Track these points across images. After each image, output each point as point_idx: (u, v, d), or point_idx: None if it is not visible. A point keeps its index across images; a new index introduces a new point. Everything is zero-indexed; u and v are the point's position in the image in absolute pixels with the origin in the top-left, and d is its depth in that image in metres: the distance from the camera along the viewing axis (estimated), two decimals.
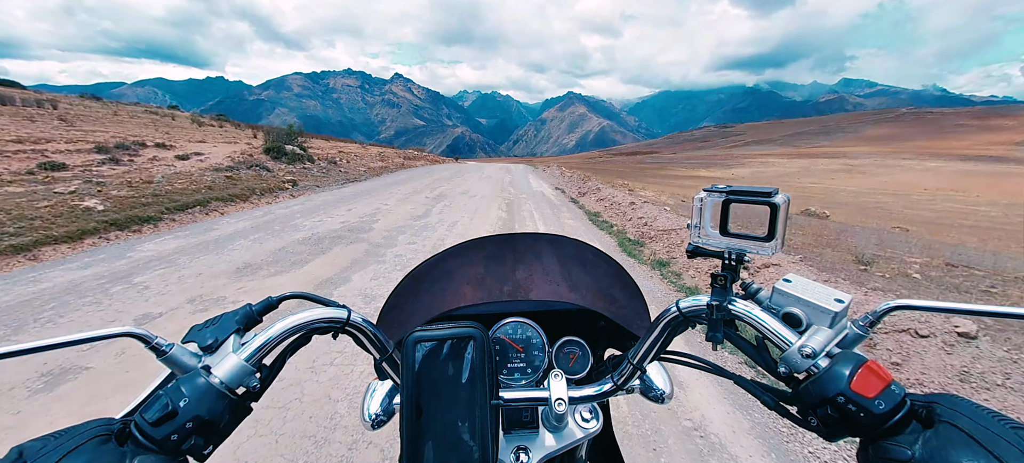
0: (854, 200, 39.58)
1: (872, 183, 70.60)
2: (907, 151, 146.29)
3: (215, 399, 0.40)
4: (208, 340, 0.46)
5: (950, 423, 0.33)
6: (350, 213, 8.12)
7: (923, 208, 34.12)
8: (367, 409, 0.58)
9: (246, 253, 5.31)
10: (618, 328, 0.67)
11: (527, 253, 0.79)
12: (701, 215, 0.48)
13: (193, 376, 0.41)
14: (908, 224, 17.98)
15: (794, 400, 0.42)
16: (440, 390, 0.47)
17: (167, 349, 0.43)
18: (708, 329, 0.48)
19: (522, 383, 0.64)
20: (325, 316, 0.50)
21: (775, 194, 0.42)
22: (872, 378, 0.36)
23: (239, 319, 0.49)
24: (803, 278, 0.46)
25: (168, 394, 0.39)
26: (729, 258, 0.47)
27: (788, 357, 0.42)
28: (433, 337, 0.49)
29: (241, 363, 0.44)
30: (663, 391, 0.60)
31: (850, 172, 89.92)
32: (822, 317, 0.43)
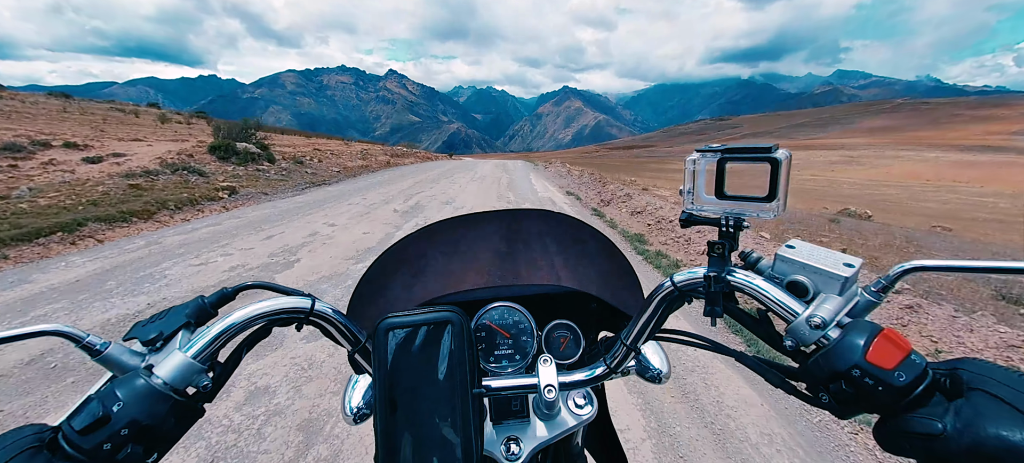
0: (860, 193, 38.43)
1: (873, 175, 69.62)
2: (904, 142, 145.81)
3: (156, 401, 0.36)
4: (151, 335, 0.42)
5: (982, 390, 0.30)
6: (269, 242, 5.76)
7: (929, 200, 33.01)
8: (348, 403, 0.55)
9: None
10: (610, 309, 0.64)
11: (512, 231, 0.75)
12: (694, 179, 0.45)
13: (131, 377, 0.37)
14: (923, 218, 16.86)
15: (803, 375, 0.39)
16: (416, 381, 0.44)
17: (102, 348, 0.39)
18: (706, 303, 0.45)
19: (510, 370, 0.61)
20: (286, 306, 0.46)
21: (775, 150, 0.39)
22: (890, 347, 0.33)
23: (189, 313, 0.45)
24: (808, 244, 0.43)
25: (99, 398, 0.35)
26: (726, 224, 0.44)
27: (795, 329, 0.39)
28: (406, 324, 0.46)
29: (188, 361, 0.40)
30: (660, 370, 0.58)
31: (850, 164, 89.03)
32: (831, 284, 0.39)
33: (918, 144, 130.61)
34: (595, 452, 0.77)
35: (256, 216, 7.45)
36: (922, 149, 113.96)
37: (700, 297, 0.46)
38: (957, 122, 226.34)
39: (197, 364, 0.40)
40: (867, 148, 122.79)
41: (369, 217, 7.64)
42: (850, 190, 42.50)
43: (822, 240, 6.80)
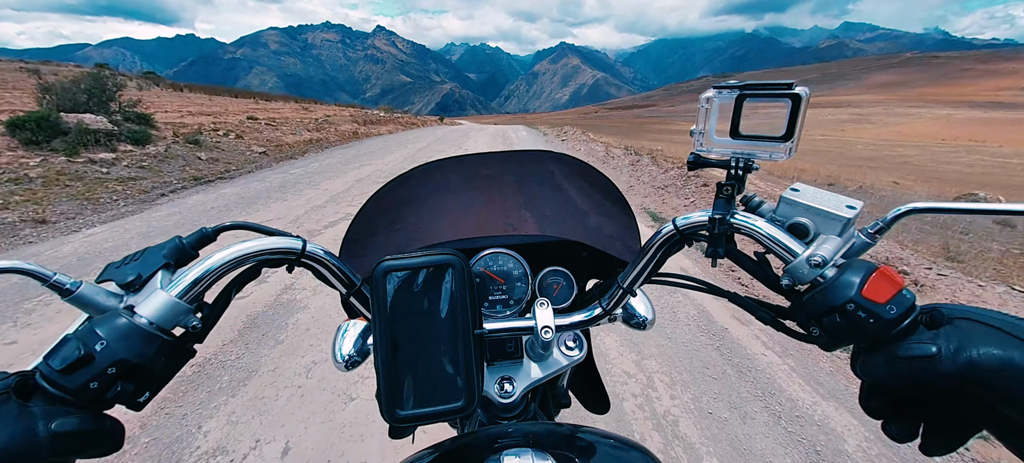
0: (876, 154, 36.99)
1: (886, 134, 67.75)
2: (914, 98, 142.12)
3: (143, 340, 0.35)
4: (129, 277, 0.40)
5: (965, 318, 0.32)
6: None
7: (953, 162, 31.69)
8: (339, 350, 0.55)
9: None
10: (603, 256, 0.65)
11: (505, 175, 0.74)
12: (707, 119, 0.44)
13: (111, 316, 0.36)
14: (953, 184, 15.67)
15: (795, 312, 0.41)
16: (417, 323, 0.45)
17: (73, 288, 0.37)
18: (709, 245, 0.45)
19: (505, 315, 0.62)
20: (276, 246, 0.45)
21: (795, 85, 0.38)
22: (884, 284, 0.35)
23: (167, 253, 0.43)
24: (811, 187, 0.44)
25: (79, 337, 0.34)
26: (736, 166, 0.44)
27: (794, 268, 0.40)
28: (407, 266, 0.45)
29: (173, 300, 0.39)
30: (645, 317, 0.60)
31: (860, 122, 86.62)
32: (832, 225, 0.41)
33: (928, 101, 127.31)
34: (578, 392, 0.82)
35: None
36: (933, 106, 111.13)
37: (701, 240, 0.47)
38: (967, 77, 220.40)
39: (183, 304, 0.39)
40: (876, 106, 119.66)
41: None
42: (865, 150, 40.96)
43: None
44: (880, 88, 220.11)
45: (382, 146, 13.05)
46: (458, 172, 0.74)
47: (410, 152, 11.62)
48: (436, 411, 0.44)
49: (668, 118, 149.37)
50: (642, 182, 8.05)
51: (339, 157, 10.28)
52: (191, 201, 5.98)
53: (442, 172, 0.73)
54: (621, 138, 23.54)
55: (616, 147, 15.53)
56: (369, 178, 7.89)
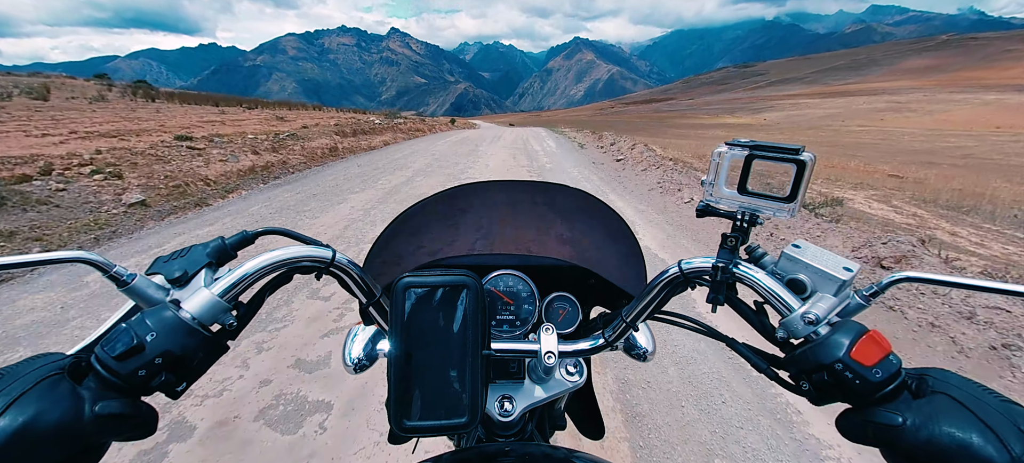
0: (930, 147, 34.46)
1: (931, 123, 63.82)
2: (955, 83, 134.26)
3: (186, 335, 0.38)
4: (176, 273, 0.43)
5: (942, 392, 0.33)
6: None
7: (1020, 153, 29.17)
8: (348, 353, 0.57)
9: None
10: (609, 286, 0.66)
11: (522, 202, 0.78)
12: (717, 172, 0.46)
13: (160, 309, 0.38)
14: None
15: (788, 365, 0.42)
16: (430, 338, 0.47)
17: (129, 280, 0.39)
18: (710, 290, 0.47)
19: (512, 335, 0.64)
20: (308, 254, 0.48)
21: (802, 151, 0.41)
22: (873, 347, 0.36)
23: (210, 252, 0.46)
24: (813, 245, 0.46)
25: (132, 327, 0.36)
26: (741, 219, 0.46)
27: (789, 322, 0.42)
28: (425, 284, 0.48)
29: (214, 298, 0.41)
30: (646, 349, 0.62)
31: (899, 111, 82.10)
32: (828, 285, 0.43)
33: (971, 85, 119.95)
34: (575, 416, 0.84)
35: None
36: (977, 91, 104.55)
37: (704, 284, 0.48)
38: (1011, 58, 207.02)
39: (223, 302, 0.42)
40: (914, 92, 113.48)
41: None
42: (914, 142, 38.35)
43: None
44: (915, 73, 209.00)
45: (344, 179, 7.80)
46: (479, 196, 0.78)
47: (374, 197, 6.46)
48: (440, 425, 0.45)
49: (689, 111, 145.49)
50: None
51: (259, 208, 5.77)
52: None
53: (464, 196, 0.78)
54: (652, 138, 22.23)
55: (633, 139, 13.87)
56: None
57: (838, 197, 7.21)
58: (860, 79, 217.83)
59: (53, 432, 0.30)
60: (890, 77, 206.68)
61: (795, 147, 0.41)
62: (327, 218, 5.28)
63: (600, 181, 8.55)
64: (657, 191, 7.17)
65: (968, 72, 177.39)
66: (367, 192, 6.83)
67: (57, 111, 14.41)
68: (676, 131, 57.80)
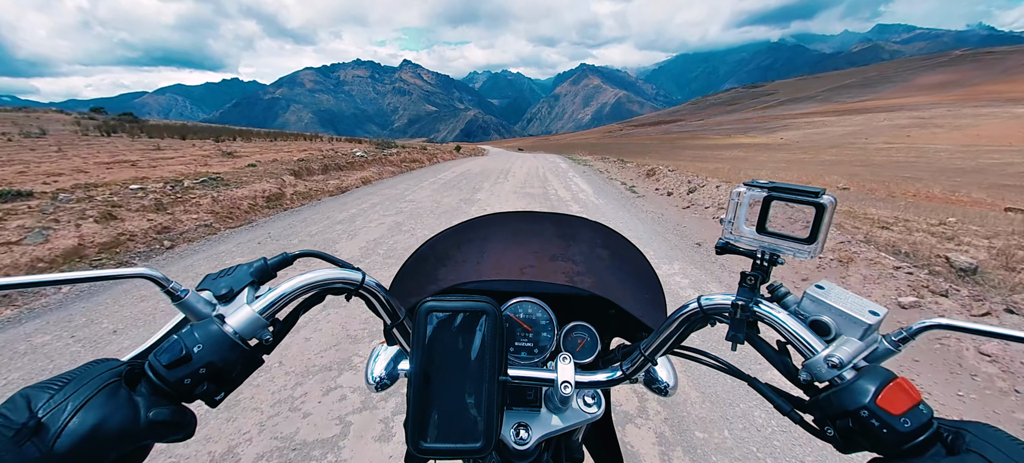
0: (972, 164, 31.30)
1: (964, 138, 60.28)
2: (976, 97, 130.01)
3: (228, 348, 0.41)
4: (222, 290, 0.46)
5: (977, 453, 0.31)
6: None
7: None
8: (371, 372, 0.58)
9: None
10: (629, 317, 0.66)
11: (544, 232, 0.79)
12: (737, 210, 0.46)
13: (207, 323, 0.41)
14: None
15: (813, 408, 0.41)
16: (449, 361, 0.48)
17: (182, 294, 0.43)
18: (730, 328, 0.47)
19: (529, 362, 0.64)
20: (340, 277, 0.50)
21: (822, 194, 0.40)
22: (900, 395, 0.35)
23: (254, 272, 0.49)
24: (837, 286, 0.45)
25: (182, 338, 0.39)
26: (762, 258, 0.46)
27: (812, 365, 0.41)
28: (446, 308, 0.49)
29: (255, 315, 0.44)
30: (667, 383, 0.60)
31: (925, 127, 78.60)
32: (853, 328, 0.41)
33: (996, 99, 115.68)
34: (593, 449, 0.81)
35: None
36: (1004, 104, 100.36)
37: (724, 321, 0.48)
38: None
39: (262, 319, 0.45)
40: (935, 107, 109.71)
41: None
42: (953, 159, 35.32)
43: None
44: (932, 89, 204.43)
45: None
46: (501, 225, 0.81)
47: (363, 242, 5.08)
48: (455, 448, 0.46)
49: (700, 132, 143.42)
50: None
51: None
52: None
53: (487, 224, 0.81)
54: (674, 162, 19.96)
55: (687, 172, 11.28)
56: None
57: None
58: (874, 96, 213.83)
59: (115, 435, 0.33)
60: (905, 93, 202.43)
61: (815, 190, 0.41)
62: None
63: (634, 216, 7.01)
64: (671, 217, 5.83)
65: (988, 86, 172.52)
66: (360, 236, 5.44)
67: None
68: (691, 152, 55.50)
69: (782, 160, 37.84)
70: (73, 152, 16.69)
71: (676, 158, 40.32)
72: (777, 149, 58.35)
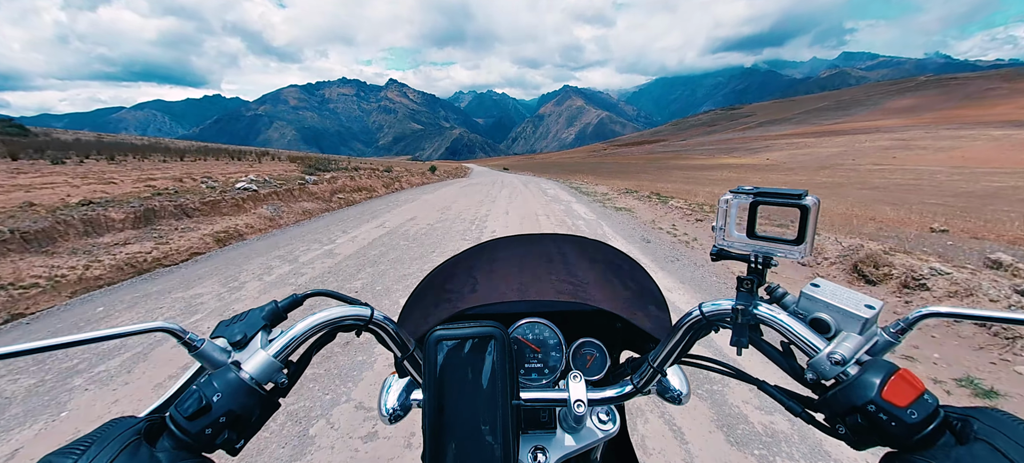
0: (976, 187, 29.08)
1: (951, 160, 59.56)
2: (949, 120, 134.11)
3: (247, 394, 0.41)
4: (237, 336, 0.46)
5: (986, 441, 0.31)
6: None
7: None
8: (384, 404, 0.58)
9: None
10: (635, 330, 0.66)
11: (546, 253, 0.80)
12: (726, 217, 0.47)
13: (224, 371, 0.41)
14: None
15: (822, 407, 0.41)
16: (462, 388, 0.48)
17: (198, 344, 0.43)
18: (733, 333, 0.47)
19: (540, 383, 0.64)
20: (349, 314, 0.51)
21: (805, 195, 0.41)
22: (904, 386, 0.35)
23: (266, 315, 0.50)
24: (832, 284, 0.46)
25: (201, 388, 0.39)
26: (755, 261, 0.46)
27: (816, 364, 0.41)
28: (455, 336, 0.49)
29: (270, 359, 0.44)
30: (680, 392, 0.60)
31: (909, 148, 78.68)
32: (851, 323, 0.42)
33: (966, 122, 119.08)
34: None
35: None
36: (977, 127, 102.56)
37: (727, 327, 0.48)
38: (995, 96, 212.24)
39: (277, 362, 0.45)
40: (912, 129, 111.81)
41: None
42: (954, 182, 33.30)
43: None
44: (902, 112, 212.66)
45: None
46: (504, 249, 0.82)
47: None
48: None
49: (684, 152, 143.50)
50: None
51: None
52: None
53: (491, 249, 0.82)
54: (671, 185, 16.37)
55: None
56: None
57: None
58: (847, 118, 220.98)
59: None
60: (878, 116, 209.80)
61: (797, 192, 0.41)
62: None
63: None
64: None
65: (955, 110, 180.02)
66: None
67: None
68: (681, 173, 52.60)
69: (779, 182, 34.97)
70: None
71: (667, 179, 37.34)
72: (767, 169, 56.19)
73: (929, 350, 3.16)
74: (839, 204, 18.74)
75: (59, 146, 20.90)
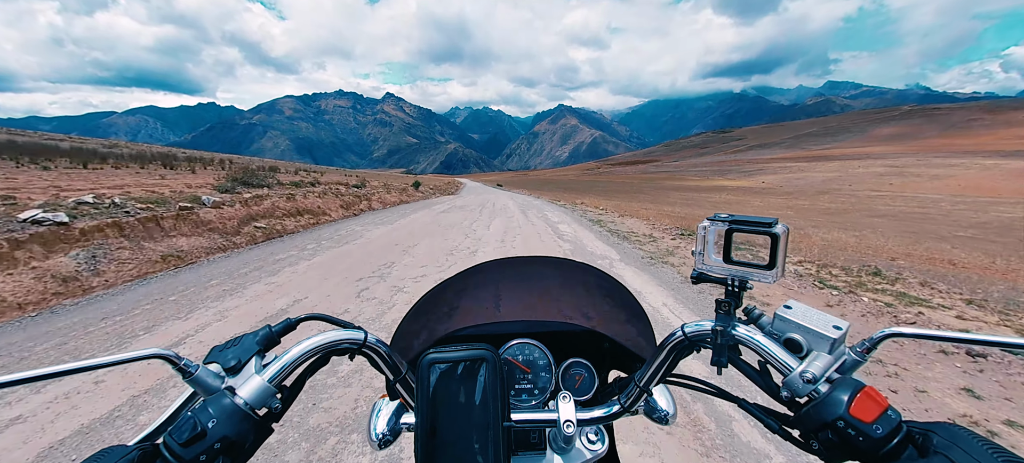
0: (994, 219, 27.83)
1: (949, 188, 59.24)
2: (937, 149, 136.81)
3: (241, 420, 0.41)
4: (231, 362, 0.46)
5: (944, 454, 0.33)
6: None
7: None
8: (374, 428, 0.58)
9: None
10: (623, 350, 0.67)
11: (534, 274, 0.81)
12: (705, 242, 0.49)
13: (219, 397, 0.41)
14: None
15: (796, 424, 0.43)
16: (454, 412, 0.48)
17: (193, 370, 0.43)
18: (713, 354, 0.49)
19: (530, 404, 0.64)
20: (343, 338, 0.51)
21: (775, 224, 0.44)
22: (870, 403, 0.37)
23: (259, 340, 0.50)
24: (803, 305, 0.47)
25: (195, 415, 0.39)
26: (732, 285, 0.48)
27: (790, 382, 0.43)
28: (447, 359, 0.50)
29: (264, 384, 0.45)
30: (667, 412, 0.61)
31: (902, 176, 78.92)
32: (821, 343, 0.44)
33: (955, 150, 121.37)
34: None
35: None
36: (967, 156, 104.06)
37: (708, 347, 0.50)
38: (978, 126, 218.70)
39: (272, 387, 0.45)
40: (903, 156, 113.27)
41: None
42: (962, 212, 32.16)
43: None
44: (889, 139, 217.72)
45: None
46: (494, 271, 0.84)
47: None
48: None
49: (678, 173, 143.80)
50: None
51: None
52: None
53: (481, 271, 0.83)
54: (674, 206, 14.46)
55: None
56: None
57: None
58: (836, 144, 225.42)
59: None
60: (865, 143, 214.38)
61: (768, 220, 0.44)
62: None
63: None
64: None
65: (940, 139, 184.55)
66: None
67: None
68: (680, 195, 51.20)
69: (783, 206, 33.51)
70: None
71: (666, 201, 35.80)
72: (765, 193, 55.11)
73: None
74: (871, 236, 16.94)
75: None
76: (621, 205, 23.35)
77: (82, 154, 21.27)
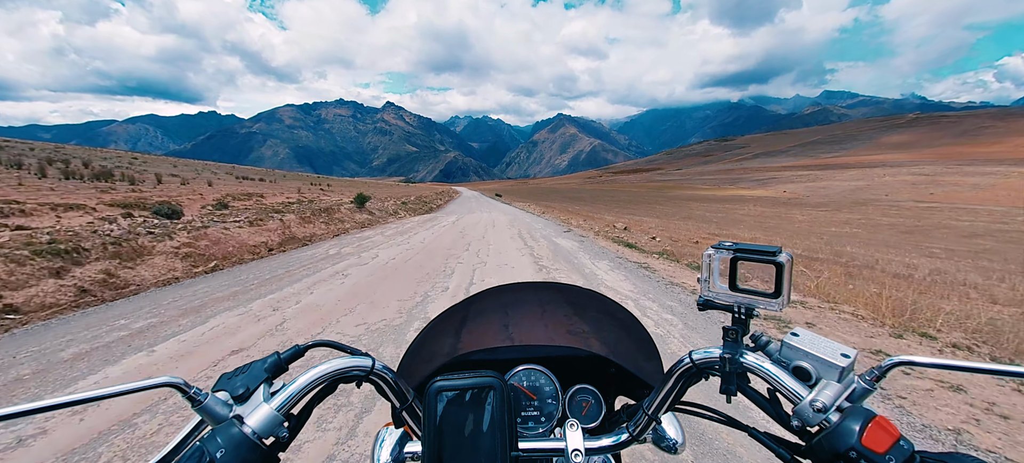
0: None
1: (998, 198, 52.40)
2: (958, 156, 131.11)
3: (249, 449, 0.40)
4: (239, 390, 0.46)
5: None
6: None
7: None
8: (378, 457, 0.57)
9: None
10: (630, 376, 0.66)
11: (540, 300, 0.81)
12: (710, 270, 0.49)
13: (227, 426, 0.41)
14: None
15: (808, 454, 0.42)
16: (461, 440, 0.48)
17: (202, 398, 0.43)
18: (722, 381, 0.48)
19: (536, 432, 0.63)
20: (350, 365, 0.50)
21: (779, 253, 0.43)
22: (882, 433, 0.36)
23: (268, 368, 0.49)
24: (810, 332, 0.47)
25: (204, 444, 0.39)
26: (739, 312, 0.48)
27: (800, 411, 0.42)
28: (455, 386, 0.49)
29: (272, 413, 0.44)
30: (675, 441, 0.60)
31: (937, 185, 72.58)
32: (830, 371, 0.43)
33: (978, 158, 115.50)
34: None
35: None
36: (999, 164, 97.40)
37: (716, 374, 0.49)
38: (991, 134, 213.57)
39: (280, 416, 0.44)
40: (926, 165, 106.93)
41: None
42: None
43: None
44: (899, 147, 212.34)
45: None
46: (500, 296, 0.83)
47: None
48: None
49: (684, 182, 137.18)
50: None
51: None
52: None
53: (487, 297, 0.83)
54: (699, 224, 8.10)
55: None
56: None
57: None
58: (846, 152, 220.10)
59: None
60: (874, 151, 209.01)
61: (772, 249, 0.44)
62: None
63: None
64: None
65: (957, 147, 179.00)
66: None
67: None
68: (702, 207, 44.35)
69: (822, 220, 26.80)
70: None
71: (692, 216, 29.64)
72: (796, 205, 48.26)
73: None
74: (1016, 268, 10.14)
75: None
76: (645, 223, 16.72)
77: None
